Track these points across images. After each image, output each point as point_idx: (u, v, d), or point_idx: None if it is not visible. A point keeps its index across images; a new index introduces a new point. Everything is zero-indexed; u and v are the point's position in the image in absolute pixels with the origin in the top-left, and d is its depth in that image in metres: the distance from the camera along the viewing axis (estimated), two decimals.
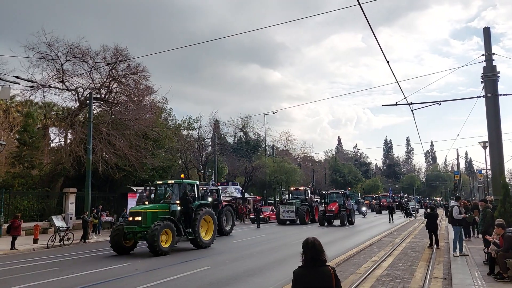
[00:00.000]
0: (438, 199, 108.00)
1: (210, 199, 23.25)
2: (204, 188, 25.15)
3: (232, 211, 26.27)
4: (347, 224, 32.34)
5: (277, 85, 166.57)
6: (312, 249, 3.82)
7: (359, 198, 67.78)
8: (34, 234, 19.83)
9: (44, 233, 23.23)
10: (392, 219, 36.31)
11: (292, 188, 40.55)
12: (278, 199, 49.82)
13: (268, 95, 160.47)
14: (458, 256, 13.06)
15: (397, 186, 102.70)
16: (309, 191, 39.43)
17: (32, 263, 14.17)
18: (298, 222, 34.37)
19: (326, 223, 32.51)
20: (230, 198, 44.77)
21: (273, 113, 61.24)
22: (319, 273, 3.77)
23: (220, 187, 28.81)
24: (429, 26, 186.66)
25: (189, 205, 17.24)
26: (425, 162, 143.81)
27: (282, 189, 50.46)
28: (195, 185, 19.31)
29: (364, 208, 51.20)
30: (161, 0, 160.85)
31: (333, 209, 32.71)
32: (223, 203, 26.09)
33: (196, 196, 18.76)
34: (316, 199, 38.94)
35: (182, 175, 21.15)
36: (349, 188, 54.65)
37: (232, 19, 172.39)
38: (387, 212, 48.63)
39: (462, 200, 20.46)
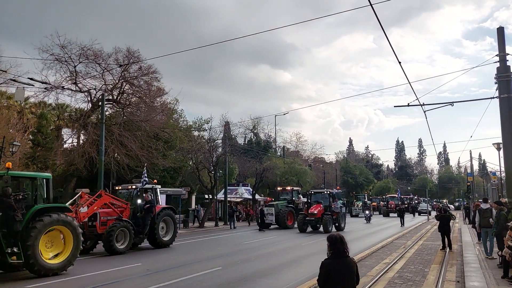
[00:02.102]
0: (445, 201, 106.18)
1: (139, 201, 18.45)
2: (134, 187, 19.51)
3: (173, 216, 19.45)
4: (334, 230, 27.00)
5: (287, 86, 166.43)
6: (341, 243, 4.60)
7: (365, 200, 66.00)
8: None
9: None
10: (403, 223, 34.78)
11: (278, 188, 36.75)
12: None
13: (278, 96, 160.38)
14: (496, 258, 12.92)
15: (409, 188, 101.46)
16: (298, 191, 35.81)
17: None
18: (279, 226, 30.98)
19: (310, 229, 28.08)
20: (241, 199, 44.93)
21: (284, 114, 61.58)
22: (348, 263, 4.62)
23: (159, 187, 20.81)
24: (441, 27, 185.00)
25: (11, 213, 11.07)
26: (438, 164, 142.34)
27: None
28: (41, 179, 12.50)
29: (367, 212, 42.92)
30: (172, 2, 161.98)
31: (315, 212, 27.25)
32: (160, 206, 19.66)
33: (46, 196, 12.43)
34: (305, 200, 33.32)
35: (8, 164, 12.06)
36: (338, 187, 48.85)
37: (242, 20, 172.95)
38: (395, 215, 46.42)
39: (476, 202, 20.22)
